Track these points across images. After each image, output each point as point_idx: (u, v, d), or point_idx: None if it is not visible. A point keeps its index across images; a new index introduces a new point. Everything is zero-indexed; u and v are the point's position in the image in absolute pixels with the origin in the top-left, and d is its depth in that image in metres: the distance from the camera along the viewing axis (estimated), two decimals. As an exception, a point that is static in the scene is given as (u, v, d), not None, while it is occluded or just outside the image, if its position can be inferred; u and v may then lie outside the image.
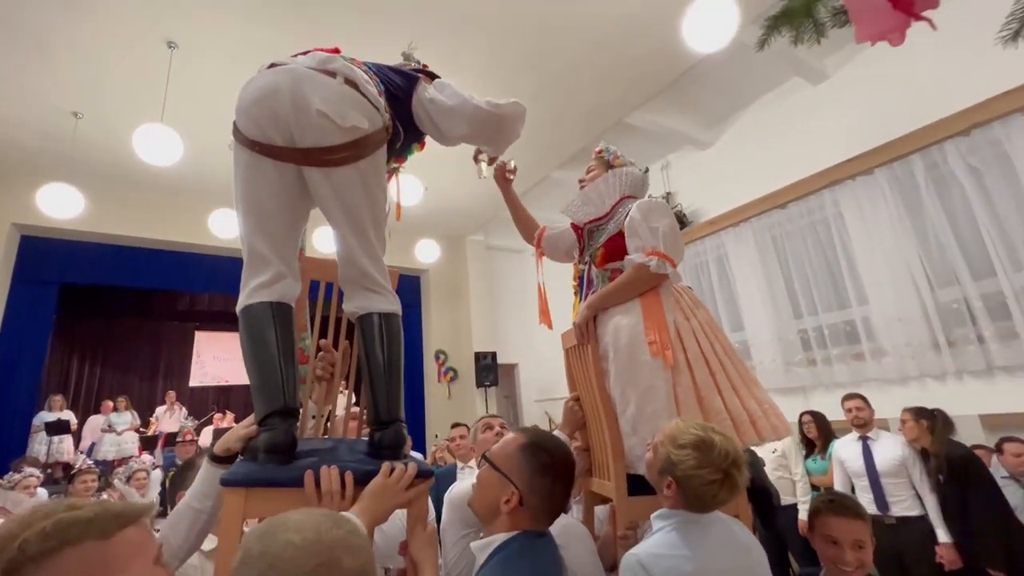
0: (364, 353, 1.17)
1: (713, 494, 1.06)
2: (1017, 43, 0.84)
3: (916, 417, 2.82)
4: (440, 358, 7.36)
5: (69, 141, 4.53)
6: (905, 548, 2.74)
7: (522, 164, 6.33)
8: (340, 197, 1.14)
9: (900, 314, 3.95)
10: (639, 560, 1.04)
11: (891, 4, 0.63)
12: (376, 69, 1.29)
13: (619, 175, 1.66)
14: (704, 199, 5.73)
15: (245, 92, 1.11)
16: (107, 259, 5.70)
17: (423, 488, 1.06)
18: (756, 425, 1.40)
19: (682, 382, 1.41)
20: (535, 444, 1.08)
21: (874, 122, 4.17)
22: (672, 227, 1.51)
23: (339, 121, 1.07)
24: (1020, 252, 3.42)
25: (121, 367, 9.40)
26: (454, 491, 1.46)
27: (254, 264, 1.12)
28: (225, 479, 0.97)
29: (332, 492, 0.96)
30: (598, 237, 1.66)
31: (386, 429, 1.11)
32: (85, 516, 0.67)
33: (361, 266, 1.17)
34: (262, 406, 1.04)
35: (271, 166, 1.10)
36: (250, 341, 1.08)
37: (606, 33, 3.91)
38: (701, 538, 1.07)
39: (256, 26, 3.55)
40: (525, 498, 1.02)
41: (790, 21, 0.89)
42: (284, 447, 1.01)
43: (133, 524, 0.70)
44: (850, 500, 1.48)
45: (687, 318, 1.52)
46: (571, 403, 1.65)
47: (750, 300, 5.04)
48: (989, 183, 3.58)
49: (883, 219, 4.11)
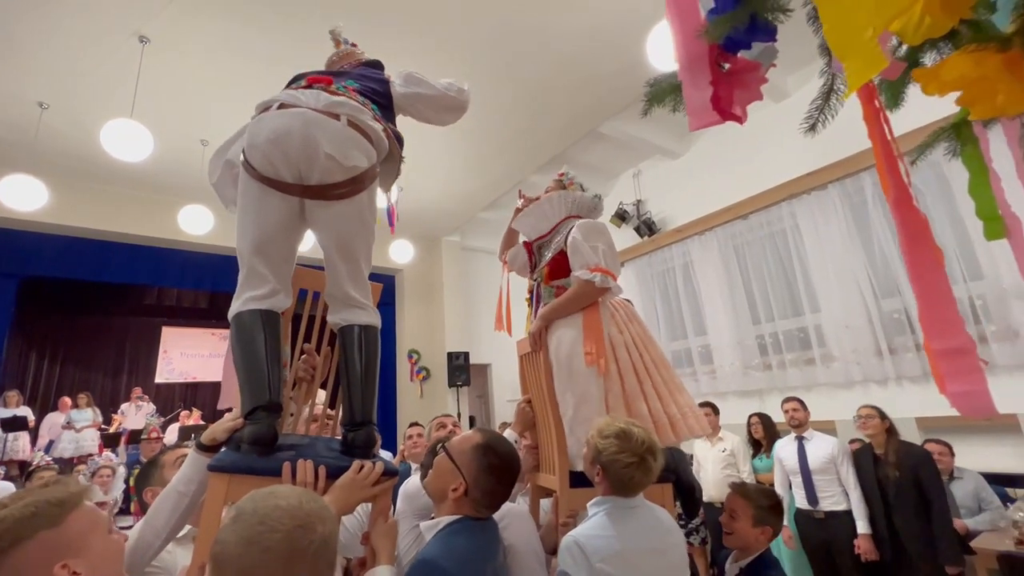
0: (343, 360, 1.28)
1: (631, 476, 1.24)
2: (817, 131, 1.01)
3: (881, 416, 3.02)
4: (413, 357, 7.40)
5: (33, 132, 4.42)
6: (832, 540, 2.97)
7: (499, 169, 6.45)
8: (336, 227, 1.27)
9: (848, 322, 4.20)
10: (575, 540, 1.20)
11: (712, 106, 0.77)
12: (362, 91, 1.40)
13: (565, 196, 1.81)
14: (673, 207, 5.94)
15: (257, 131, 1.21)
16: (71, 252, 5.56)
17: (388, 485, 1.18)
18: (675, 427, 1.61)
19: (613, 389, 1.58)
20: (488, 446, 1.21)
21: (829, 140, 4.38)
22: (610, 245, 1.67)
23: (343, 161, 1.20)
24: (954, 267, 3.69)
25: (84, 363, 9.11)
26: (408, 485, 1.57)
27: (252, 279, 1.23)
28: (212, 465, 1.06)
29: (306, 483, 1.06)
30: (544, 254, 1.81)
31: (359, 430, 1.22)
32: (29, 511, 0.74)
33: (346, 290, 1.30)
34: (249, 401, 1.13)
35: (278, 198, 1.22)
36: (240, 343, 1.18)
37: (578, 48, 4.05)
38: (629, 521, 1.25)
39: (230, 23, 3.55)
40: (470, 490, 1.15)
41: (660, 100, 1.04)
42: (266, 439, 1.10)
43: (76, 507, 0.78)
44: (741, 484, 1.77)
45: (620, 331, 1.68)
46: (523, 405, 1.80)
47: (713, 306, 5.27)
48: (929, 202, 3.85)
49: (835, 232, 4.37)
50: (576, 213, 1.80)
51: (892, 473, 2.85)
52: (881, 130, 0.75)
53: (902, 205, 0.73)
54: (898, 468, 2.84)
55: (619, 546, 1.19)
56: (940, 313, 0.68)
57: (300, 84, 1.35)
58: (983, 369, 0.64)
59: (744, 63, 0.96)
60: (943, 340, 0.67)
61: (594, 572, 1.15)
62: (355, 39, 1.84)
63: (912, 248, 0.72)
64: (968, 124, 1.13)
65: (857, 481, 2.94)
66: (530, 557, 1.32)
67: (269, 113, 1.23)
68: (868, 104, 0.77)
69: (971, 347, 0.65)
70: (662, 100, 1.09)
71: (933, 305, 0.68)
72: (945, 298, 0.68)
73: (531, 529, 1.44)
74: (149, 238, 5.81)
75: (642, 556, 1.21)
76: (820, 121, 1.03)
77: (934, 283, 0.68)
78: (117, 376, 9.42)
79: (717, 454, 3.56)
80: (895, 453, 2.89)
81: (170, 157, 4.83)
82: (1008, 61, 0.63)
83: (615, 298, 1.75)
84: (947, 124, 1.16)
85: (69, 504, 0.78)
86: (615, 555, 1.17)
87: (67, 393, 7.42)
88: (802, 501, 3.09)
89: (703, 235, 5.45)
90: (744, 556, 1.60)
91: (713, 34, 0.86)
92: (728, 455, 3.53)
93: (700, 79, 0.89)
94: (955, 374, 0.65)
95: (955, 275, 3.69)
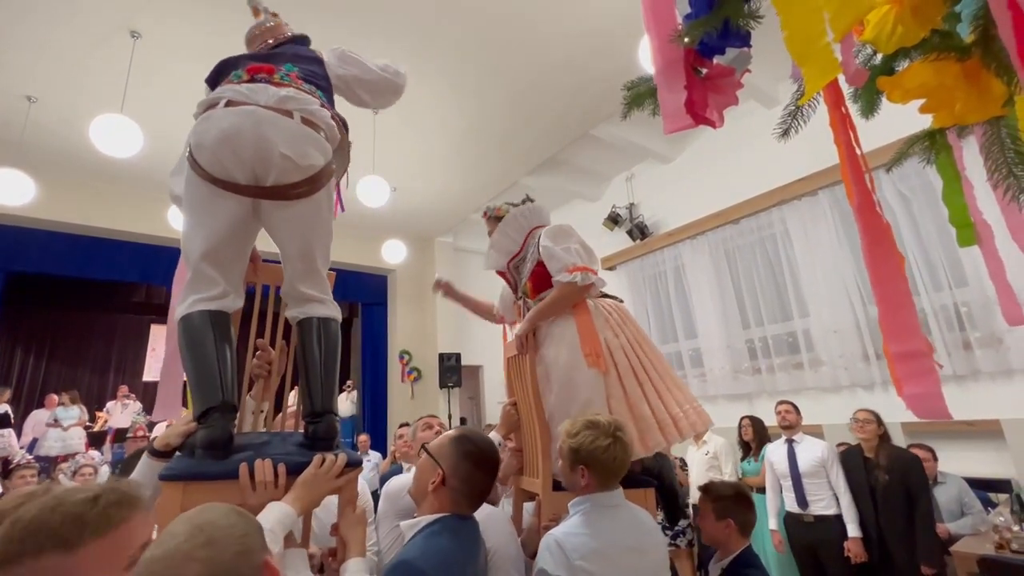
0: (301, 351, 1.26)
1: (613, 456, 1.26)
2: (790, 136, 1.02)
3: (878, 421, 3.05)
4: (404, 358, 7.38)
5: (20, 125, 4.38)
6: (820, 543, 2.98)
7: (492, 171, 6.45)
8: (294, 227, 1.23)
9: (836, 327, 4.24)
10: (555, 539, 1.21)
11: (686, 110, 0.78)
12: (305, 76, 1.35)
13: (517, 214, 1.84)
14: (665, 211, 5.97)
15: (205, 131, 1.15)
16: (59, 248, 5.51)
17: (352, 476, 1.17)
18: (678, 425, 1.60)
19: (615, 394, 1.59)
20: (464, 436, 1.23)
21: (820, 147, 4.43)
22: (581, 242, 1.70)
23: (299, 161, 1.17)
24: (940, 274, 3.73)
25: (70, 360, 9.02)
26: (391, 485, 1.57)
27: (199, 282, 1.18)
28: (163, 475, 1.01)
29: (266, 483, 1.03)
30: (522, 271, 1.83)
31: (319, 422, 1.20)
32: (52, 521, 0.62)
33: (302, 289, 1.27)
34: (200, 403, 1.09)
35: (231, 200, 1.17)
36: (188, 344, 1.13)
37: (571, 50, 4.06)
38: (608, 520, 1.26)
39: (223, 20, 3.54)
40: (448, 479, 1.14)
41: (639, 103, 1.05)
42: (221, 443, 1.07)
43: (102, 536, 0.65)
44: (706, 483, 1.78)
45: (616, 335, 1.68)
46: (508, 407, 1.80)
47: (704, 310, 5.29)
48: (916, 209, 3.89)
49: (824, 238, 4.40)
50: (537, 223, 1.84)
51: (882, 477, 2.88)
52: (847, 136, 0.76)
53: (865, 211, 0.74)
54: (888, 472, 2.87)
55: (598, 544, 1.19)
56: (899, 317, 0.69)
57: (242, 77, 1.27)
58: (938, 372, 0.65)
59: (720, 68, 0.97)
60: (900, 343, 0.68)
61: (573, 570, 1.15)
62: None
63: (874, 253, 0.73)
64: (943, 132, 1.15)
65: (847, 485, 2.96)
66: (507, 562, 1.32)
67: (216, 111, 1.18)
68: (835, 110, 0.78)
69: (927, 351, 0.66)
70: (641, 103, 1.10)
71: (893, 309, 0.69)
72: (904, 303, 0.69)
73: (510, 532, 1.44)
74: (138, 235, 5.76)
75: (621, 554, 1.22)
76: (793, 127, 1.04)
77: (894, 288, 0.69)
78: (104, 374, 9.32)
79: (701, 456, 3.59)
80: (886, 457, 2.92)
81: (160, 153, 4.78)
82: (966, 70, 0.65)
83: (606, 301, 1.77)
84: (922, 132, 1.18)
85: (96, 528, 0.65)
86: (594, 552, 1.18)
87: (53, 390, 7.35)
88: (792, 504, 3.11)
89: (695, 239, 5.48)
90: (725, 555, 1.61)
91: (687, 38, 0.87)
92: (711, 457, 3.55)
93: (675, 83, 0.91)
94: (911, 377, 0.66)
95: (940, 282, 3.73)
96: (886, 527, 2.83)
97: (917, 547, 2.69)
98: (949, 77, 0.64)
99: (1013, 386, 3.41)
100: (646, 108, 1.12)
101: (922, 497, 2.76)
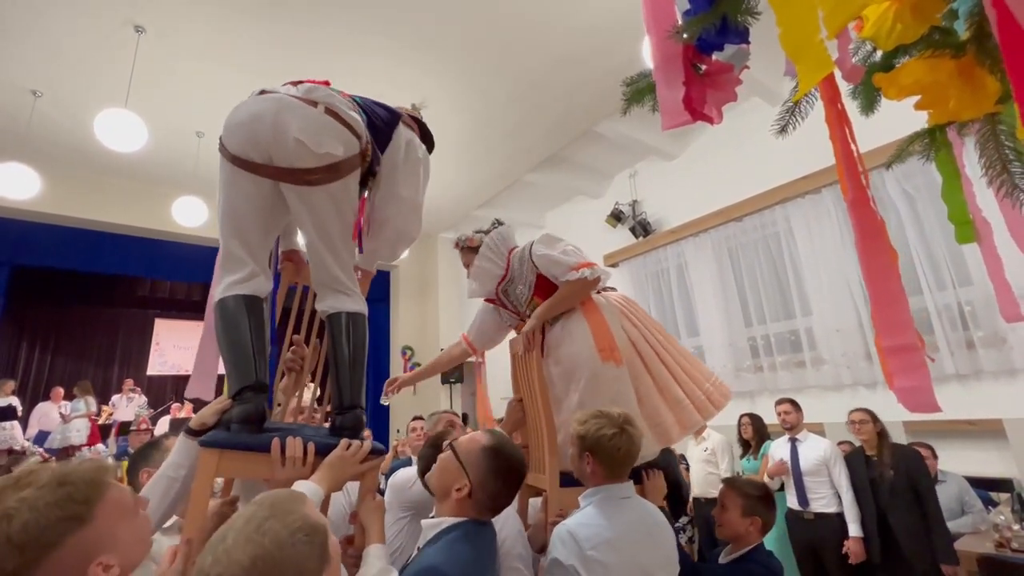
0: (331, 346, 1.30)
1: (617, 446, 1.27)
2: (788, 133, 1.02)
3: (873, 419, 3.06)
4: (406, 353, 7.42)
5: (26, 120, 4.41)
6: (819, 540, 2.99)
7: (495, 168, 6.45)
8: (312, 213, 1.26)
9: (838, 325, 4.22)
10: (568, 530, 1.22)
11: (684, 106, 0.79)
12: (361, 101, 1.41)
13: (495, 238, 1.87)
14: (668, 208, 5.95)
15: (234, 114, 1.23)
16: (64, 242, 5.55)
17: (375, 463, 1.20)
18: (711, 399, 1.64)
19: (644, 382, 1.62)
20: (497, 449, 1.17)
21: (823, 144, 4.41)
22: (571, 244, 1.74)
23: (314, 148, 1.19)
24: (943, 273, 3.71)
25: (75, 353, 9.10)
26: (398, 476, 1.58)
27: (230, 263, 1.25)
28: (204, 440, 1.09)
29: (295, 458, 1.09)
30: (514, 290, 1.85)
31: (346, 414, 1.25)
32: (54, 516, 0.67)
33: (332, 272, 1.31)
34: (236, 382, 1.16)
35: (249, 179, 1.23)
36: (224, 328, 1.20)
37: (574, 47, 4.06)
38: (619, 512, 1.27)
39: (228, 15, 3.55)
40: (475, 492, 1.12)
41: (639, 99, 1.06)
42: (255, 417, 1.13)
43: (102, 498, 0.72)
44: (733, 477, 1.76)
45: (634, 325, 1.70)
46: (515, 404, 1.83)
47: (706, 307, 5.28)
48: (920, 208, 3.87)
49: (827, 236, 4.39)
50: (512, 245, 1.87)
51: (887, 473, 2.88)
52: (843, 132, 0.77)
53: (859, 206, 0.75)
54: (893, 468, 2.87)
55: (610, 534, 1.20)
56: (891, 312, 0.69)
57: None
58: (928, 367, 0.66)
59: (718, 65, 0.97)
60: (892, 338, 0.68)
61: (585, 559, 1.16)
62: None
63: (867, 249, 0.74)
64: (943, 129, 1.15)
65: (850, 483, 2.97)
66: (514, 558, 1.33)
67: (249, 99, 1.25)
68: (831, 106, 0.78)
69: (919, 346, 0.67)
70: (640, 99, 1.11)
71: (885, 305, 0.70)
72: (897, 298, 0.70)
73: (517, 527, 1.45)
74: (142, 229, 5.80)
75: (633, 545, 1.23)
76: (791, 124, 1.04)
77: (887, 283, 0.70)
78: (109, 367, 9.41)
79: (700, 452, 3.60)
80: (889, 454, 2.93)
81: (165, 148, 4.82)
82: (961, 67, 0.65)
83: (613, 293, 1.79)
84: (922, 129, 1.18)
85: (95, 497, 0.72)
86: (606, 543, 1.19)
87: (58, 383, 7.41)
88: (793, 502, 3.12)
89: (697, 236, 5.46)
90: (737, 549, 1.60)
91: (686, 35, 0.88)
92: (709, 454, 3.57)
93: (673, 79, 0.91)
94: (902, 371, 0.67)
95: (944, 281, 3.72)
96: (895, 524, 2.81)
97: (934, 547, 2.66)
98: (943, 74, 0.65)
99: (1016, 386, 3.40)
100: (646, 104, 1.12)
101: (929, 494, 2.76)
